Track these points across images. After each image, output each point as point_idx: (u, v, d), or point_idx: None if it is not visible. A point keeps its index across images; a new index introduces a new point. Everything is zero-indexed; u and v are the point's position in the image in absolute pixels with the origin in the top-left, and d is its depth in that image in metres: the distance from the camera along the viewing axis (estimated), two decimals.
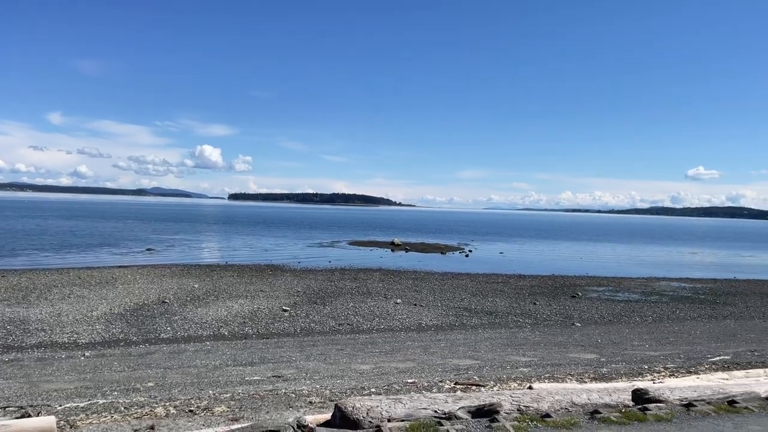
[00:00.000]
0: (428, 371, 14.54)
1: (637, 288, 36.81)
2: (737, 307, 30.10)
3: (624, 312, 27.54)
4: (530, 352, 17.96)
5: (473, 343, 19.46)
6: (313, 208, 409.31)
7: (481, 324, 23.81)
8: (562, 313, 26.67)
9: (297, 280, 34.54)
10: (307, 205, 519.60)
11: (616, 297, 32.62)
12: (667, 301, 31.78)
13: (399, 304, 27.32)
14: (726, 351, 18.39)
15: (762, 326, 24.58)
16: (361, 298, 28.68)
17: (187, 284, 31.14)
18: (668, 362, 16.23)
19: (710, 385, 10.44)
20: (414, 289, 32.39)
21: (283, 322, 22.63)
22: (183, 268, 38.60)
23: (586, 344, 19.67)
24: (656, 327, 24.06)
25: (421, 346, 18.67)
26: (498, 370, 14.92)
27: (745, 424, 6.88)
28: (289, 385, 12.48)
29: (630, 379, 13.15)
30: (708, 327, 24.16)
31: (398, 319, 23.93)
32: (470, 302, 28.78)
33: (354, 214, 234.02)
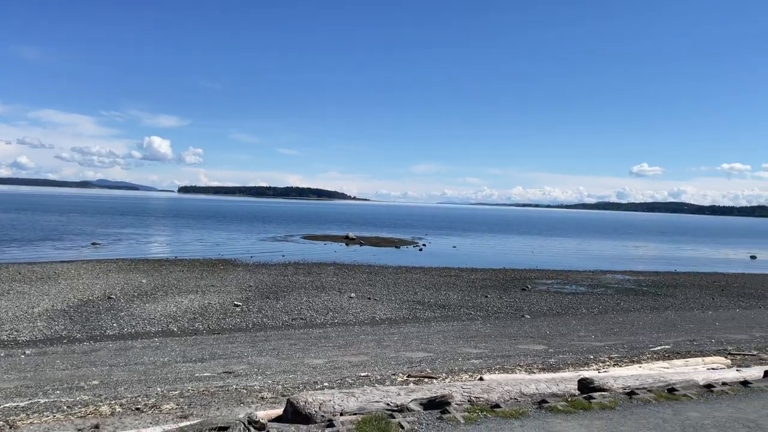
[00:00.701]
0: (381, 364, 14.61)
1: (584, 281, 37.94)
2: (677, 299, 31.42)
3: (571, 304, 28.34)
4: (481, 344, 18.28)
5: (426, 335, 19.65)
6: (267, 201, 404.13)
7: (434, 317, 24.06)
8: (513, 306, 27.23)
9: (249, 274, 34.07)
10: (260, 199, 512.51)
11: (564, 289, 33.53)
12: (612, 293, 32.88)
13: (353, 298, 27.32)
14: (667, 341, 19.19)
15: (700, 317, 25.73)
16: (315, 292, 28.53)
17: (134, 279, 30.27)
18: (613, 352, 16.81)
19: (651, 373, 10.87)
20: (368, 283, 32.44)
21: (234, 318, 22.29)
22: (130, 263, 37.49)
23: (535, 336, 20.16)
24: (602, 318, 24.86)
25: (375, 339, 18.74)
26: (450, 362, 15.12)
27: (684, 410, 7.20)
28: (241, 381, 12.31)
29: (576, 368, 13.56)
30: (650, 318, 25.12)
31: (352, 313, 23.93)
32: (423, 295, 29.04)
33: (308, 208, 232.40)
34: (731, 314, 26.75)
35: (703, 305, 29.57)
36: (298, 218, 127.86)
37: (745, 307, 29.23)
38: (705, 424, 6.63)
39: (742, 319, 24.99)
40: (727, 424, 6.69)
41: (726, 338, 19.86)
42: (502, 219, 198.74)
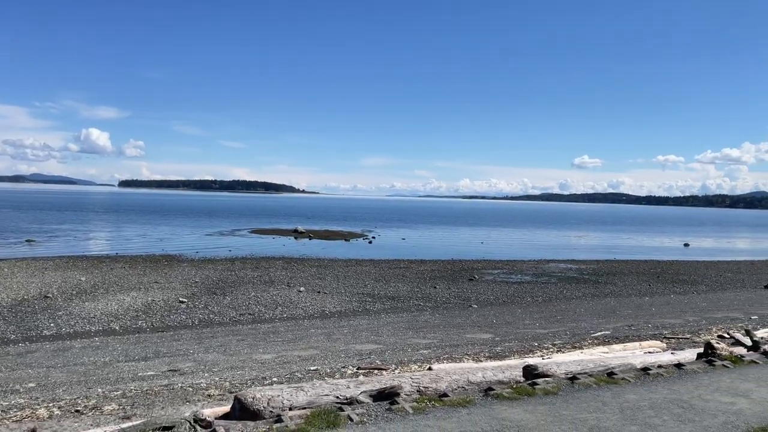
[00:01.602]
0: (331, 358, 14.58)
1: (529, 270, 38.94)
2: (617, 286, 32.68)
3: (517, 293, 29.05)
4: (430, 334, 18.50)
5: (376, 327, 19.74)
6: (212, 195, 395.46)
7: (383, 309, 24.18)
8: (461, 296, 27.68)
9: (195, 270, 33.30)
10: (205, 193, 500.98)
11: (510, 279, 34.32)
12: (556, 281, 33.89)
13: (302, 292, 27.13)
14: (607, 326, 19.94)
15: (638, 302, 26.85)
16: (263, 287, 28.17)
17: (72, 277, 29.09)
18: (556, 339, 17.34)
19: (592, 358, 11.28)
20: (318, 276, 32.28)
21: (179, 314, 21.76)
22: (68, 261, 35.99)
23: (483, 325, 20.56)
24: (546, 306, 25.59)
25: (325, 333, 18.68)
26: (399, 353, 15.24)
27: (623, 393, 7.50)
28: (186, 379, 12.04)
29: (522, 356, 13.91)
30: (591, 305, 26.04)
31: (301, 307, 23.77)
32: (373, 288, 29.14)
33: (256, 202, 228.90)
34: (666, 300, 28.03)
35: (640, 291, 30.86)
36: (246, 212, 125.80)
37: (679, 293, 30.69)
38: (642, 406, 6.93)
39: (677, 304, 26.23)
40: (662, 405, 7.02)
41: (662, 323, 20.80)
42: (450, 211, 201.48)
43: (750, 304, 26.18)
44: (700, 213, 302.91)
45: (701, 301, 27.55)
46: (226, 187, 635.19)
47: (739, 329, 17.42)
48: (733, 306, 25.49)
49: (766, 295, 30.06)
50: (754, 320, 21.25)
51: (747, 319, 21.63)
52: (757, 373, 8.69)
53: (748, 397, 7.37)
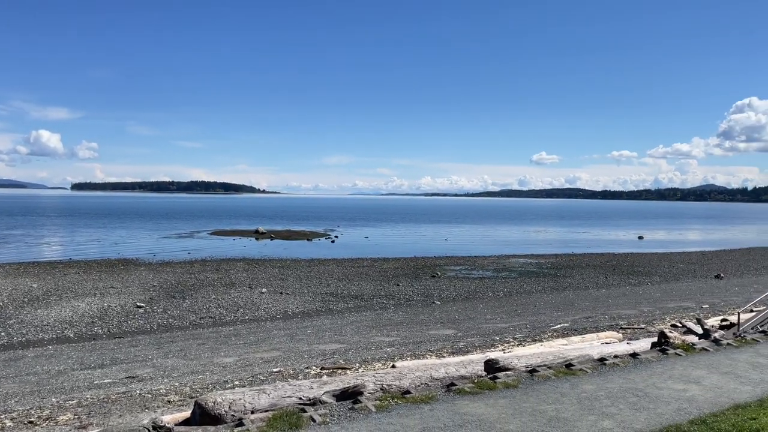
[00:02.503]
0: (294, 359, 14.47)
1: (490, 265, 39.48)
2: (575, 279, 33.44)
3: (479, 288, 29.41)
4: (394, 332, 18.57)
5: (339, 327, 19.69)
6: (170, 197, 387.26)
7: (347, 308, 24.14)
8: (424, 293, 27.85)
9: (153, 274, 32.55)
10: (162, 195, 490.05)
11: (471, 275, 34.72)
12: (516, 276, 34.46)
13: (264, 293, 26.84)
14: (566, 319, 20.39)
15: (595, 295, 27.53)
16: (224, 289, 27.75)
17: (23, 284, 28.05)
18: (517, 332, 17.63)
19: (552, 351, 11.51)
20: (280, 277, 31.99)
21: (137, 319, 21.23)
22: (18, 267, 34.68)
23: (445, 321, 20.74)
24: (507, 301, 26.00)
25: (288, 334, 18.52)
26: (363, 351, 15.24)
27: (580, 383, 7.68)
28: (145, 386, 11.76)
29: (483, 350, 14.10)
30: (550, 298, 26.57)
31: (264, 309, 23.52)
32: (336, 287, 29.05)
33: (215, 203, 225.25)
34: (622, 291, 28.84)
35: (597, 284, 31.66)
36: (205, 214, 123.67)
37: (634, 284, 31.61)
38: (599, 396, 7.11)
39: (632, 296, 27.01)
40: (618, 394, 7.21)
41: (618, 314, 21.39)
42: (413, 208, 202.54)
43: (701, 293, 27.17)
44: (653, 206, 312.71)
45: (655, 291, 28.43)
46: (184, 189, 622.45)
47: (691, 318, 18.06)
48: (686, 296, 26.40)
49: (716, 284, 31.24)
50: (705, 309, 22.05)
51: (698, 308, 22.44)
52: (708, 360, 9.03)
53: (700, 384, 7.64)
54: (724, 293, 26.83)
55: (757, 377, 7.99)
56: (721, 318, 17.95)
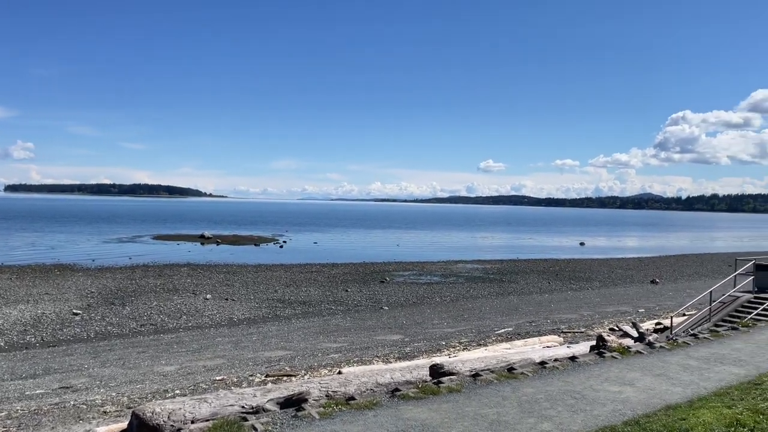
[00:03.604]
0: (239, 366, 14.20)
1: (438, 271, 39.92)
2: (519, 284, 34.21)
3: (426, 294, 29.68)
4: (341, 338, 18.49)
5: (286, 333, 19.46)
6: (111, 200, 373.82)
7: (294, 314, 23.89)
8: (372, 298, 27.88)
9: (91, 279, 31.31)
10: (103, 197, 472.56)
11: (420, 280, 35.01)
12: (463, 281, 34.96)
13: (209, 299, 26.25)
14: (510, 323, 20.82)
15: (538, 300, 28.24)
16: (166, 295, 26.97)
17: None
18: (462, 337, 17.87)
19: (495, 355, 11.72)
20: (225, 283, 31.36)
21: (73, 327, 20.36)
22: None
23: (393, 326, 20.82)
24: (453, 306, 26.33)
25: (232, 341, 18.17)
26: (310, 358, 15.11)
27: (521, 387, 7.84)
28: (80, 396, 11.29)
29: (430, 355, 14.23)
30: (496, 303, 27.08)
31: (208, 315, 22.99)
32: (284, 293, 28.72)
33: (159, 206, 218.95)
34: (564, 296, 29.69)
35: (540, 289, 32.49)
36: (148, 217, 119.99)
37: (575, 289, 32.60)
38: (538, 399, 7.28)
39: (573, 300, 27.85)
40: (557, 396, 7.41)
41: (560, 318, 22.01)
42: (363, 214, 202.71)
43: (638, 298, 28.28)
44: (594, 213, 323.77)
45: (595, 296, 29.41)
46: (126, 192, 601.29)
47: (628, 322, 18.78)
48: (623, 300, 27.42)
49: (652, 289, 32.59)
50: (641, 313, 22.96)
51: (635, 312, 23.35)
52: (642, 362, 9.38)
53: (634, 386, 7.93)
54: (659, 298, 28.01)
55: (688, 379, 8.37)
56: (655, 322, 18.74)
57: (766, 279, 17.24)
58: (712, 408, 6.71)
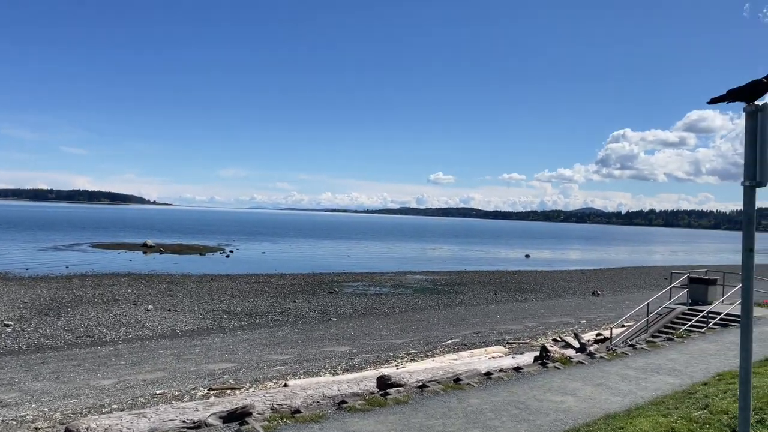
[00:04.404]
0: (181, 379, 13.78)
1: (388, 282, 39.99)
2: (466, 295, 34.65)
3: (375, 305, 29.66)
4: (288, 349, 18.23)
5: (231, 345, 19.03)
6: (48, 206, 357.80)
7: (240, 325, 23.40)
8: (320, 310, 27.64)
9: (24, 289, 29.80)
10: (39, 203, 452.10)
11: (369, 291, 34.97)
12: (412, 292, 35.15)
13: (150, 310, 25.41)
14: (457, 334, 21.03)
15: (485, 311, 28.67)
16: (105, 306, 25.95)
17: None
18: (410, 348, 17.93)
19: (442, 366, 11.80)
20: (168, 293, 30.45)
21: (4, 339, 19.29)
22: None
23: (341, 337, 20.68)
24: (402, 317, 26.40)
25: (174, 353, 17.62)
26: (255, 370, 14.81)
27: (467, 398, 7.91)
28: (10, 412, 10.69)
29: (377, 367, 14.19)
30: (443, 314, 27.32)
31: (149, 327, 22.24)
32: (230, 304, 28.12)
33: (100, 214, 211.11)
34: (510, 307, 30.26)
35: (487, 300, 33.01)
36: (87, 225, 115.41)
37: (521, 300, 33.29)
38: (483, 409, 7.36)
39: (518, 311, 28.41)
40: (501, 407, 7.51)
41: (505, 329, 22.40)
42: (313, 224, 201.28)
43: (580, 309, 29.12)
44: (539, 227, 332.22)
45: (539, 307, 30.10)
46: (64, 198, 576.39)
47: (570, 333, 19.30)
48: (566, 311, 28.18)
49: (593, 301, 33.62)
50: (582, 324, 23.64)
51: (577, 323, 24.02)
52: (583, 372, 9.64)
53: (575, 396, 8.13)
54: (600, 309, 28.92)
55: (626, 388, 8.64)
56: (596, 332, 19.33)
57: (699, 292, 18.08)
58: (649, 417, 6.94)
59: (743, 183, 4.72)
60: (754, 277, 4.74)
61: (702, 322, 15.61)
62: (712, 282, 18.30)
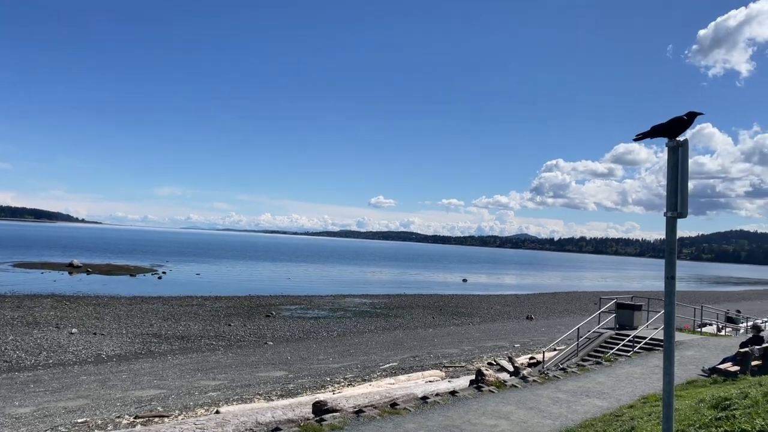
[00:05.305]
0: (105, 407, 13.08)
1: (326, 305, 39.61)
2: (405, 319, 34.75)
3: (313, 328, 29.27)
4: (221, 375, 17.67)
5: (161, 371, 18.26)
6: None
7: (171, 350, 22.53)
8: (256, 333, 27.02)
9: None
10: None
11: (306, 314, 34.50)
12: (351, 316, 34.92)
13: (74, 333, 24.10)
14: (395, 358, 21.00)
15: (423, 335, 28.80)
16: (24, 329, 24.41)
17: None
18: (347, 373, 17.75)
19: (379, 390, 11.75)
20: (95, 316, 28.99)
21: None
22: None
23: (277, 362, 20.25)
24: (340, 341, 26.16)
25: (99, 379, 16.74)
26: (185, 397, 14.25)
27: (403, 423, 7.88)
28: None
29: (313, 392, 13.96)
30: (382, 338, 27.26)
31: (72, 352, 21.06)
32: (161, 327, 27.05)
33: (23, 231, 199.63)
34: (447, 331, 30.54)
35: (425, 324, 33.20)
36: (9, 242, 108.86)
37: (458, 324, 33.67)
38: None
39: (455, 335, 28.71)
40: (437, 431, 7.53)
41: (443, 353, 22.56)
42: (251, 245, 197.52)
43: (514, 333, 29.75)
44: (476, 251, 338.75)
45: (476, 331, 30.54)
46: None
47: (505, 356, 19.63)
48: (501, 335, 28.71)
49: (527, 325, 34.42)
50: (517, 348, 24.14)
51: (511, 346, 24.51)
52: (517, 396, 9.81)
53: (509, 419, 8.26)
54: (534, 333, 29.64)
55: (557, 411, 8.85)
56: (530, 356, 19.77)
57: (625, 317, 18.86)
58: None
59: (665, 214, 5.00)
60: (675, 303, 4.99)
61: (628, 346, 16.26)
62: (637, 307, 19.14)
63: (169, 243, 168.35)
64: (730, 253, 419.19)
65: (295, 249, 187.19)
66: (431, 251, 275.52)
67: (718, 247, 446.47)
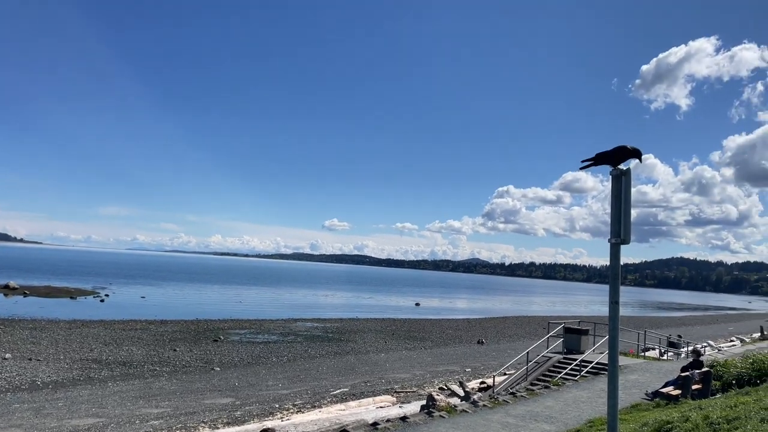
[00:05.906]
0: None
1: (277, 329, 38.87)
2: (357, 343, 34.43)
3: (263, 353, 28.62)
4: (164, 402, 17.01)
5: (100, 398, 17.44)
6: None
7: (111, 376, 21.58)
8: (203, 358, 26.22)
9: None
10: None
11: (256, 339, 33.75)
12: (302, 340, 34.36)
13: (8, 359, 22.82)
14: (346, 383, 20.73)
15: (375, 359, 28.59)
16: None
17: None
18: (297, 399, 17.38)
19: (329, 417, 11.53)
20: (30, 340, 27.56)
21: None
22: None
23: (224, 388, 19.66)
24: (290, 366, 25.65)
25: (33, 407, 15.84)
26: (125, 426, 13.64)
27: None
28: None
29: (261, 419, 13.58)
30: (333, 362, 26.90)
31: (5, 378, 19.90)
32: (101, 352, 25.92)
33: None
34: (399, 355, 30.41)
35: (377, 348, 32.97)
36: None
37: (410, 349, 33.58)
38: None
39: (407, 360, 28.61)
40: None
41: (394, 377, 22.41)
42: (200, 267, 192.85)
43: (465, 357, 29.88)
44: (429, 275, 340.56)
45: (427, 356, 30.52)
46: None
47: (455, 381, 19.67)
48: (453, 360, 28.78)
49: (478, 349, 34.66)
50: (468, 372, 24.24)
51: (462, 371, 24.59)
52: (467, 421, 9.80)
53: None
54: (485, 357, 29.85)
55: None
56: (480, 381, 19.86)
57: (573, 341, 19.23)
58: None
59: (610, 240, 5.14)
60: (620, 328, 5.11)
61: (576, 370, 16.55)
62: (584, 332, 19.57)
63: (114, 264, 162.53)
64: (672, 280, 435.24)
65: (246, 271, 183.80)
66: (385, 275, 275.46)
67: (661, 273, 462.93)
